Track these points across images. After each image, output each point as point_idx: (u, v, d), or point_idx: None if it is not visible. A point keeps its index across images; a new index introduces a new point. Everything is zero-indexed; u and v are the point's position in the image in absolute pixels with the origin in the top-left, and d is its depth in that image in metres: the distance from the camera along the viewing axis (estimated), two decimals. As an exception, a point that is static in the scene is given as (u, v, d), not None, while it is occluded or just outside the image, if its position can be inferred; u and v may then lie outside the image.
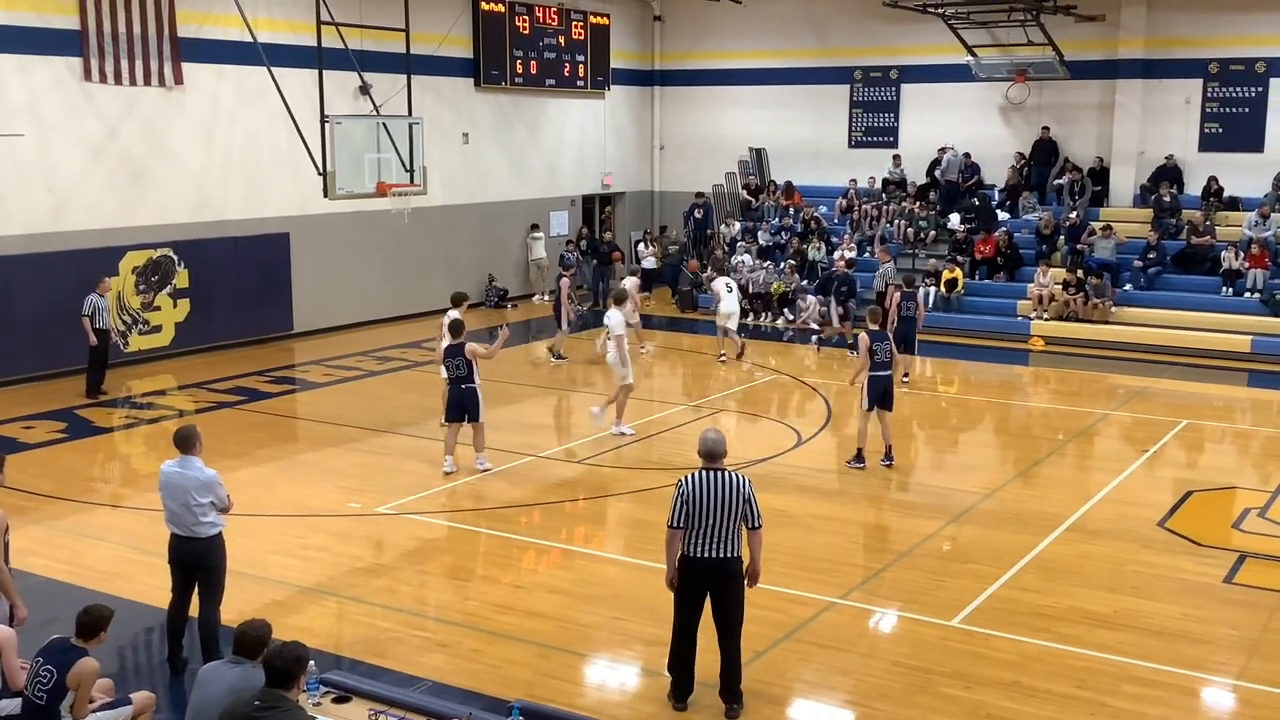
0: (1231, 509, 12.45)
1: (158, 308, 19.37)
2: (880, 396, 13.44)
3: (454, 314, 14.29)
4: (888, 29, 26.36)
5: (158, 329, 19.41)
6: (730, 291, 20.19)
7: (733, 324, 20.07)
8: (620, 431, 14.90)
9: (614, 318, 15.04)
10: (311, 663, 5.77)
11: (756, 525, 7.72)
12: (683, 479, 7.69)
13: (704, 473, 7.62)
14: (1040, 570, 10.48)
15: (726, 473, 7.65)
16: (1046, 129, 25.19)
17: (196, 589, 8.33)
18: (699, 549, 7.57)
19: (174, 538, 8.24)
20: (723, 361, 19.67)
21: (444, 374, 13.33)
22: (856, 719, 7.98)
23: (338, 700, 5.98)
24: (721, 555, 7.59)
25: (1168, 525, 11.71)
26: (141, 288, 19.07)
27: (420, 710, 5.91)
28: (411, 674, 8.33)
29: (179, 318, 19.67)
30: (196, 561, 8.22)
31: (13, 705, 6.68)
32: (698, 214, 27.59)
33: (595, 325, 19.34)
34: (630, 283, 20.32)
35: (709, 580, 7.65)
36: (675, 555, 7.70)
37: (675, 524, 7.59)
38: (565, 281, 19.89)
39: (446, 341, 13.25)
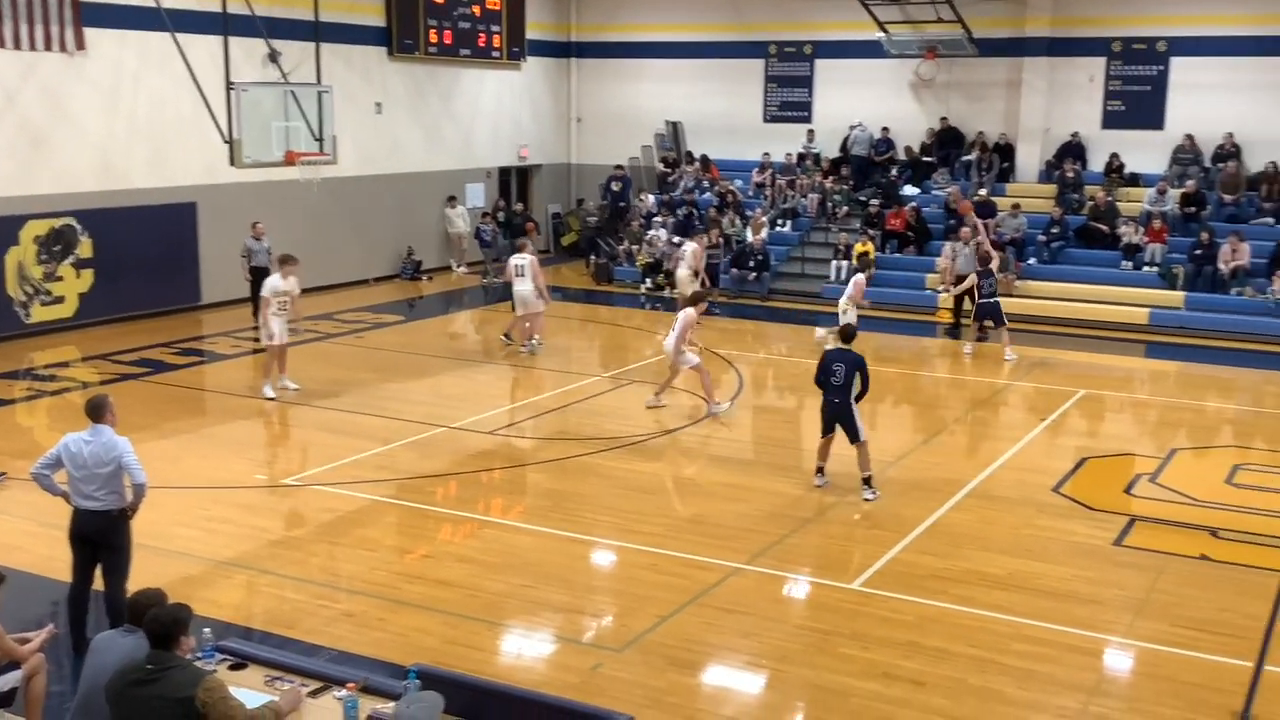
0: (1124, 475, 12.86)
1: (60, 278, 18.95)
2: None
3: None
4: (802, 4, 26.63)
5: (60, 300, 18.99)
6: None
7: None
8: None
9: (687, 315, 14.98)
10: (207, 630, 5.76)
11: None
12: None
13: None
14: (940, 535, 10.77)
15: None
16: (945, 119, 25.63)
17: (100, 567, 8.20)
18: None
19: (77, 512, 8.07)
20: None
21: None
22: (758, 680, 8.17)
23: (233, 668, 5.96)
24: None
25: (1062, 490, 12.09)
26: (43, 258, 18.63)
27: (317, 676, 5.92)
28: (317, 643, 8.33)
29: (82, 288, 19.26)
30: (101, 538, 8.07)
31: (13, 679, 6.63)
32: (615, 186, 27.62)
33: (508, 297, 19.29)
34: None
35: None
36: None
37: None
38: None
39: None
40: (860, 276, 18.66)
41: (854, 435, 11.68)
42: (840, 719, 7.59)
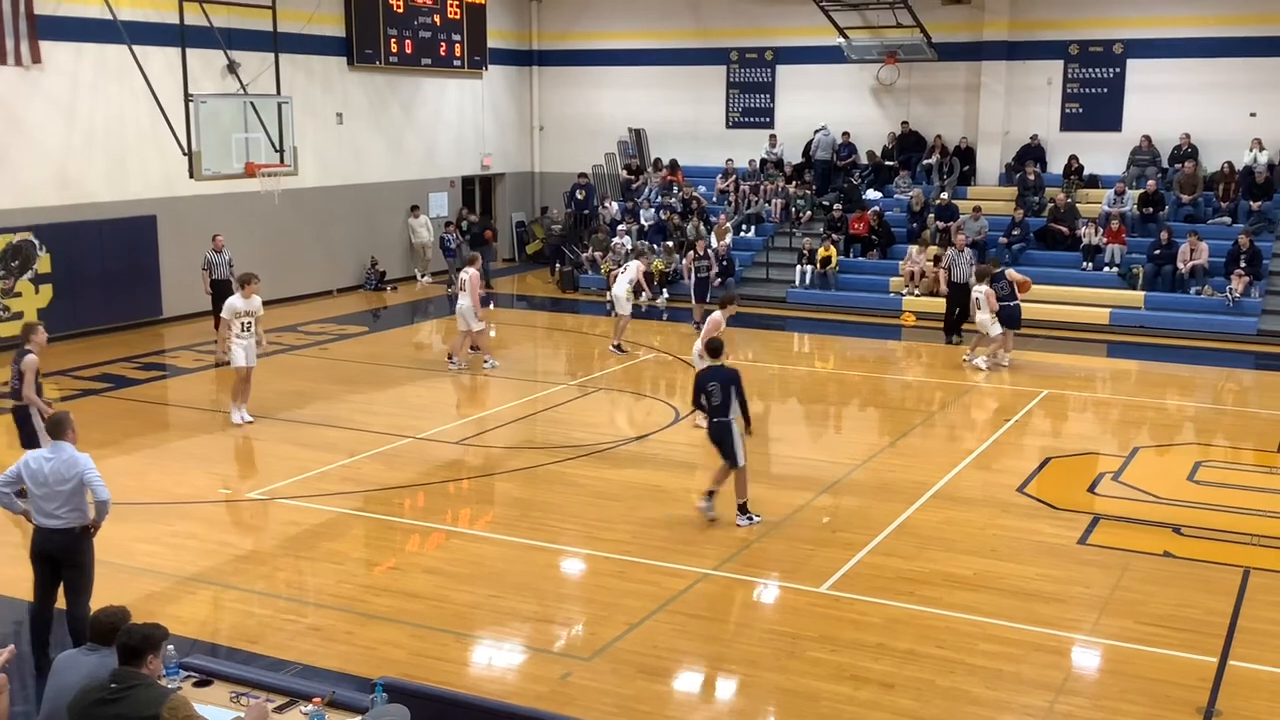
0: (1088, 474, 12.97)
1: (18, 294, 18.73)
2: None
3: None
4: (762, 10, 26.74)
5: (19, 315, 18.73)
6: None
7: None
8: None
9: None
10: (170, 647, 5.71)
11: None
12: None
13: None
14: (906, 536, 10.82)
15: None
16: (905, 123, 25.84)
17: (62, 585, 8.10)
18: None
19: (39, 530, 7.97)
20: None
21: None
22: (727, 685, 8.17)
23: (198, 685, 5.91)
24: None
25: (1027, 490, 12.18)
26: (1, 273, 18.41)
27: (283, 691, 5.88)
28: (283, 658, 8.27)
29: (41, 304, 19.03)
30: (63, 556, 7.97)
31: None
32: (579, 194, 27.61)
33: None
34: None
35: None
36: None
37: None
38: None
39: None
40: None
41: (731, 459, 10.92)
42: (810, 723, 7.61)
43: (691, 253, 21.32)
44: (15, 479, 7.93)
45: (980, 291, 17.79)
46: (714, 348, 11.29)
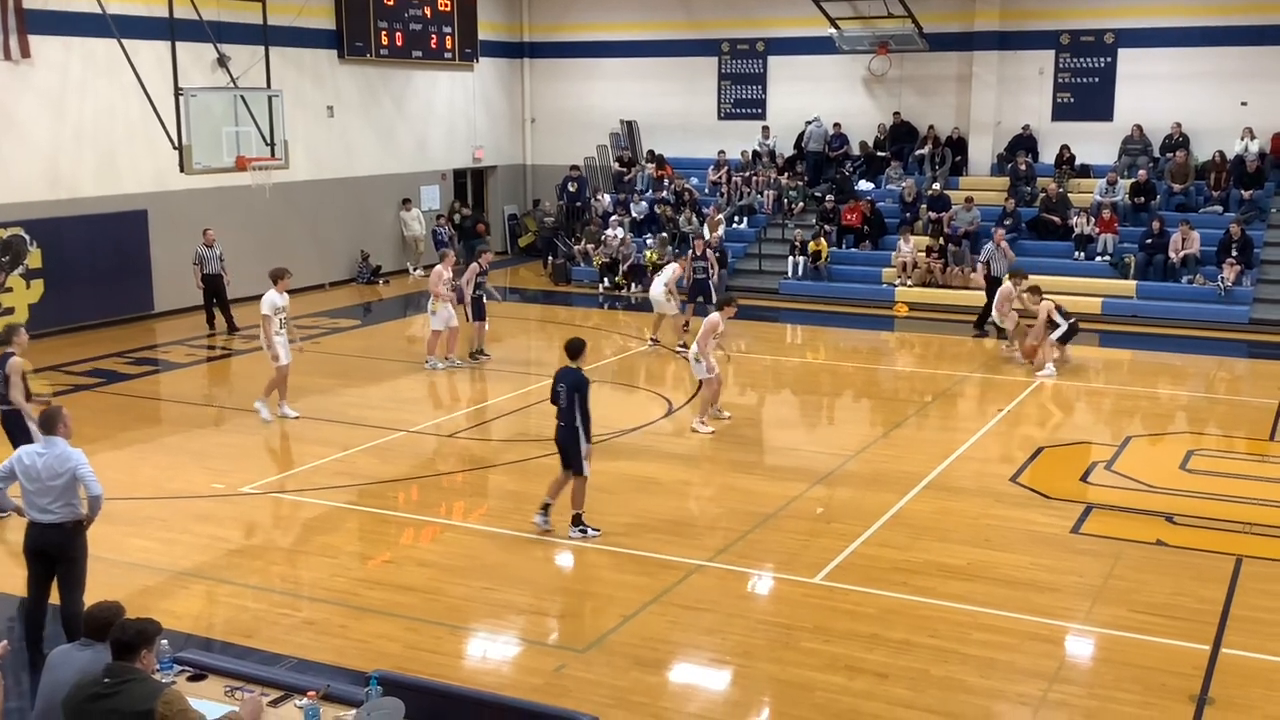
0: (1080, 463, 12.98)
1: (9, 289, 18.67)
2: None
3: None
4: (754, 2, 26.72)
5: (10, 311, 18.69)
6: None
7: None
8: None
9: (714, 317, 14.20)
10: (164, 641, 5.70)
11: None
12: None
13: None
14: (900, 527, 10.84)
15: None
16: (898, 113, 25.84)
17: (56, 581, 8.09)
18: None
19: (32, 525, 7.96)
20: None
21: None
22: (722, 676, 8.19)
23: (193, 679, 5.90)
24: None
25: (1020, 480, 12.20)
26: (-9, 269, 18.38)
27: (278, 685, 5.87)
28: (278, 652, 8.26)
29: (33, 299, 18.99)
30: (57, 551, 7.95)
31: None
32: (571, 187, 27.58)
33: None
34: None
35: None
36: None
37: None
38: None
39: None
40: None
41: (575, 465, 10.40)
42: (805, 713, 7.61)
43: (690, 253, 20.73)
44: (8, 474, 7.92)
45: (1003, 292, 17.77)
46: (573, 348, 10.59)
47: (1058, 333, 17.03)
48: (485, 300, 17.80)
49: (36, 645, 8.13)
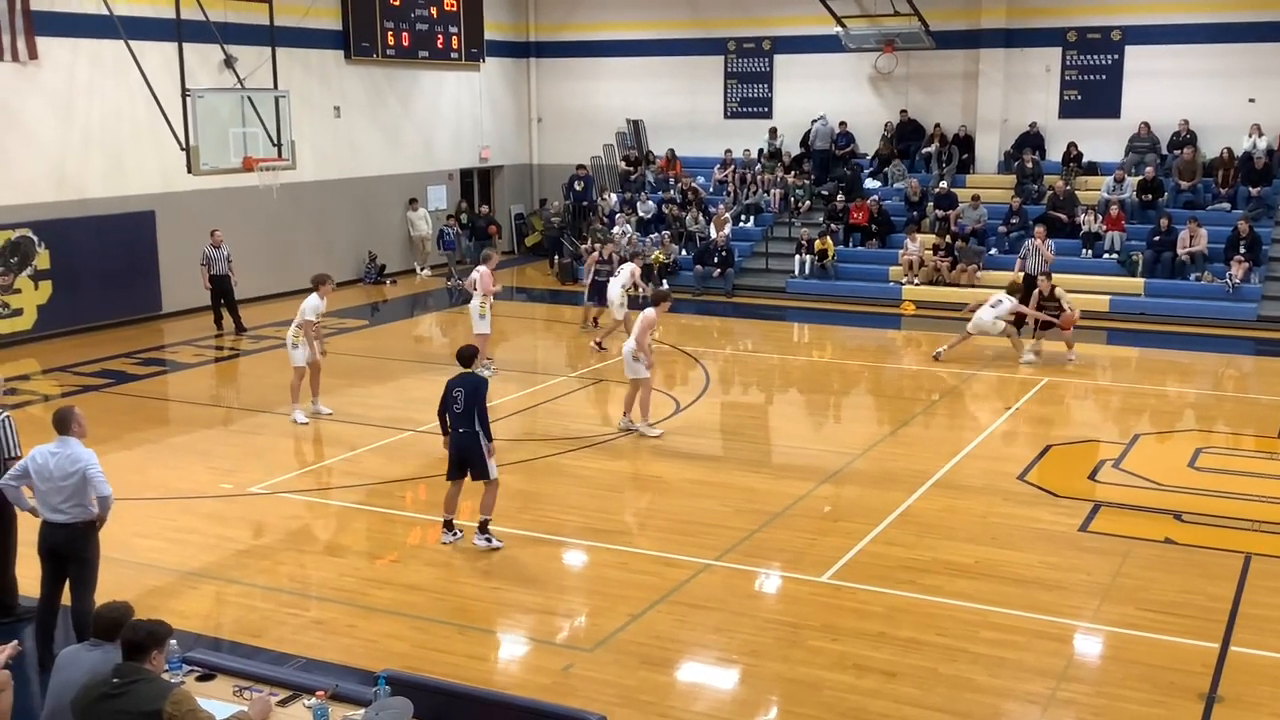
0: (1088, 461, 12.96)
1: (18, 290, 18.73)
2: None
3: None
4: (760, 0, 26.66)
5: (19, 312, 18.77)
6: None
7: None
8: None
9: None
10: (173, 641, 5.72)
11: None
12: None
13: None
14: (907, 525, 10.82)
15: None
16: (904, 111, 25.81)
17: (68, 581, 8.12)
18: None
19: (45, 525, 7.98)
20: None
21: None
22: (730, 675, 8.18)
23: (202, 679, 5.92)
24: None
25: (1027, 478, 12.19)
26: (0, 270, 18.41)
27: (286, 685, 5.88)
28: (286, 652, 8.28)
29: (41, 300, 19.04)
30: (69, 550, 7.98)
31: None
32: (578, 186, 27.59)
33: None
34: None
35: None
36: None
37: None
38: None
39: None
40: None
41: (481, 471, 10.12)
42: (813, 712, 7.61)
43: (595, 254, 19.95)
44: (23, 473, 7.95)
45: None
46: (464, 355, 10.53)
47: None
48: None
49: (47, 645, 8.15)
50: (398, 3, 24.99)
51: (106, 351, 18.26)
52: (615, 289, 18.49)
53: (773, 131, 26.93)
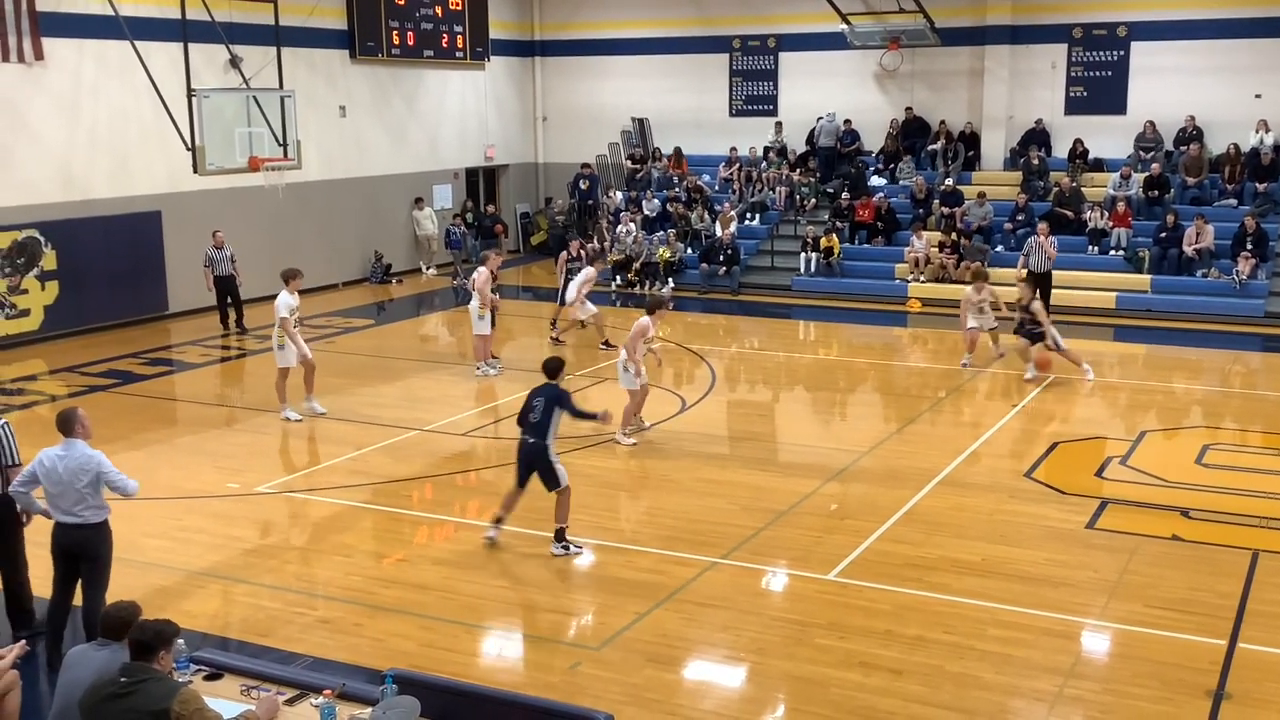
0: (1095, 458, 12.95)
1: (25, 291, 18.77)
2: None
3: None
4: (765, -3, 26.71)
5: (26, 313, 18.81)
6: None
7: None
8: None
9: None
10: (181, 641, 5.73)
11: None
12: None
13: None
14: (914, 523, 10.81)
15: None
16: (910, 109, 25.79)
17: (80, 581, 8.13)
18: None
19: (58, 526, 7.99)
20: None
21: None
22: (737, 673, 8.18)
23: (209, 678, 5.93)
24: None
25: (1034, 475, 12.17)
26: (7, 270, 18.46)
27: (293, 684, 5.89)
28: (293, 651, 8.29)
29: (48, 300, 19.09)
30: (81, 550, 8.00)
31: None
32: (583, 185, 27.59)
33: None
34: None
35: None
36: None
37: None
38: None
39: None
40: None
41: (553, 482, 10.07)
42: (820, 710, 7.60)
43: (565, 253, 19.92)
44: (31, 478, 7.96)
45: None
46: (550, 367, 10.43)
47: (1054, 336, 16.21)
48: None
49: (57, 645, 8.17)
50: (403, 2, 25.00)
51: (113, 351, 18.30)
52: (572, 290, 18.44)
53: (778, 127, 26.89)
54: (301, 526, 11.08)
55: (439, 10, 25.95)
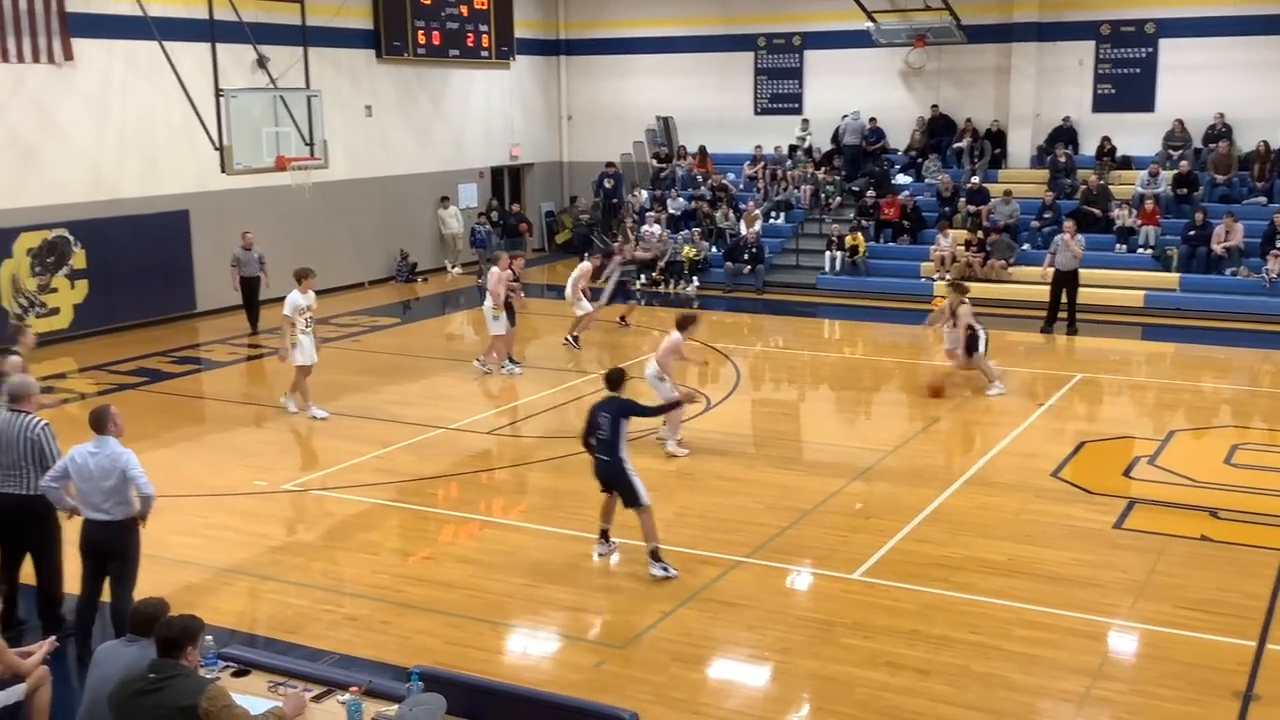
0: (1123, 457, 12.86)
1: (55, 290, 18.94)
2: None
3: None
4: (789, -4, 26.66)
5: (56, 311, 18.98)
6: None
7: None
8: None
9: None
10: (209, 638, 5.77)
11: None
12: None
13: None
14: (940, 522, 10.78)
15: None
16: (936, 106, 25.67)
17: (108, 579, 8.21)
18: None
19: (87, 523, 8.08)
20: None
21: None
22: (761, 672, 8.18)
23: (237, 674, 5.98)
24: None
25: (1061, 475, 12.10)
26: (37, 269, 18.62)
27: (320, 680, 5.93)
28: (320, 648, 8.34)
29: (77, 299, 19.25)
30: (110, 547, 8.08)
31: (16, 693, 6.67)
32: (608, 184, 27.61)
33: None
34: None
35: None
36: None
37: None
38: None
39: None
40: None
41: (632, 499, 9.60)
42: (846, 709, 7.59)
43: (617, 257, 19.82)
44: (63, 474, 8.04)
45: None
46: (613, 378, 9.91)
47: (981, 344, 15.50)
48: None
49: (86, 641, 8.25)
50: (428, 2, 25.07)
51: (142, 350, 18.44)
52: (570, 287, 18.48)
53: (804, 124, 26.82)
54: (328, 524, 11.13)
55: (464, 10, 26.00)
